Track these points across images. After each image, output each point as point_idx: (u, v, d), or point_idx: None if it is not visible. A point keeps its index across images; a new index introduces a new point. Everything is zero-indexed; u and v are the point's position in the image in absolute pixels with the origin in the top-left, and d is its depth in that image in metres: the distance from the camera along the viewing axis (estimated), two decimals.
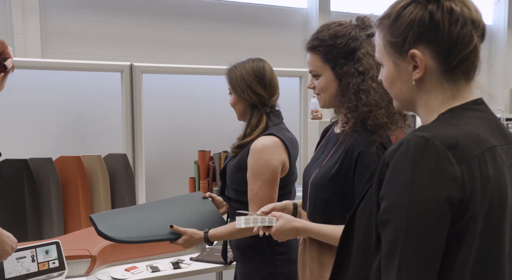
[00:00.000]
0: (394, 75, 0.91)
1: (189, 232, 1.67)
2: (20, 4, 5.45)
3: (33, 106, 2.41)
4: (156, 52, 5.65)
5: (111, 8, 5.57)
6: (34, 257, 1.79)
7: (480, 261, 0.80)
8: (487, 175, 0.80)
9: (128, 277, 1.90)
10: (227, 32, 6.06)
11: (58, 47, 5.56)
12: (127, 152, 2.44)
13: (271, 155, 1.60)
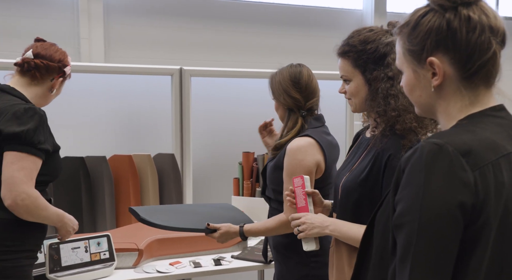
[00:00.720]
0: (413, 82, 0.92)
1: (225, 227, 1.75)
2: (87, 11, 5.79)
3: (91, 108, 2.59)
4: (205, 55, 5.80)
5: (167, 13, 5.78)
6: (87, 248, 1.93)
7: (495, 266, 0.80)
8: (501, 181, 0.80)
9: (172, 271, 2.01)
10: (277, 34, 6.11)
11: (120, 51, 5.86)
12: (176, 152, 2.56)
13: (305, 155, 1.64)
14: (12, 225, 1.51)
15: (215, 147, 2.78)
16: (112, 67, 2.68)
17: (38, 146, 1.52)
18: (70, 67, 1.75)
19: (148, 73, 2.66)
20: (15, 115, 1.51)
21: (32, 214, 1.52)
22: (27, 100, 1.64)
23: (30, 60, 1.66)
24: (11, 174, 1.47)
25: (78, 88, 2.55)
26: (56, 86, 1.72)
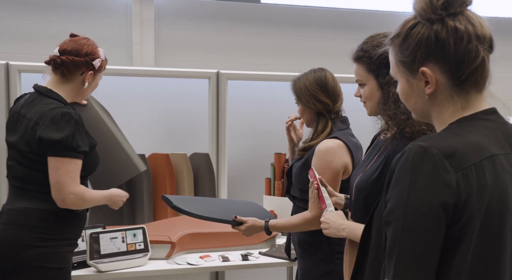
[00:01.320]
0: (408, 91, 0.97)
1: (250, 221, 1.84)
2: (139, 17, 6.06)
3: (133, 109, 2.77)
4: (247, 58, 5.88)
5: (214, 17, 5.95)
6: (124, 239, 2.09)
7: (479, 263, 0.84)
8: (484, 182, 0.83)
9: (201, 264, 2.12)
10: (315, 37, 6.09)
11: (169, 55, 6.09)
12: (211, 153, 2.68)
13: (334, 157, 1.70)
14: (53, 215, 1.65)
15: (249, 147, 2.88)
16: (150, 70, 2.85)
17: (77, 150, 1.64)
18: (100, 59, 1.76)
19: (187, 77, 2.81)
20: (53, 121, 1.60)
21: (82, 207, 1.69)
22: (63, 100, 1.71)
23: (56, 57, 1.71)
24: (57, 179, 1.61)
25: (119, 91, 2.74)
26: (87, 80, 1.75)
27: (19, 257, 1.61)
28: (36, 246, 1.62)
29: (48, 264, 1.64)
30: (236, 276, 2.86)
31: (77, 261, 2.00)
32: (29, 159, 1.65)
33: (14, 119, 1.72)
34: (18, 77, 2.49)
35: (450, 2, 0.90)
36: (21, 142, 1.65)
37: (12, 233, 1.62)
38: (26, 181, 1.66)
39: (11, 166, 1.70)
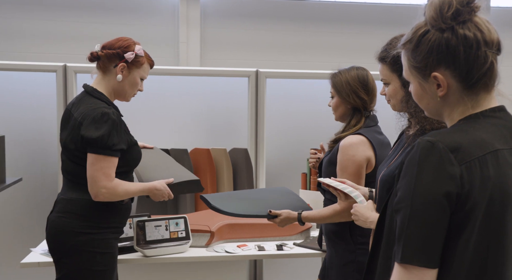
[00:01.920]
0: (420, 92, 1.03)
1: (285, 213, 1.95)
2: (186, 17, 6.26)
3: (177, 106, 2.94)
4: (284, 56, 5.93)
5: (256, 16, 6.06)
6: (167, 227, 2.25)
7: (481, 249, 0.90)
8: (487, 174, 0.90)
9: (238, 252, 2.25)
10: (353, 34, 6.04)
11: (214, 53, 6.26)
12: (250, 148, 2.81)
13: (356, 151, 1.79)
14: (100, 206, 1.81)
15: (286, 143, 2.99)
16: (192, 70, 3.01)
17: (113, 148, 1.74)
18: (133, 53, 1.84)
19: (227, 75, 2.94)
20: (93, 121, 1.73)
21: (115, 200, 1.81)
22: (106, 99, 1.83)
23: (95, 52, 1.85)
24: (92, 174, 1.75)
25: (163, 89, 2.92)
26: (120, 72, 1.84)
27: (71, 242, 1.78)
28: (85, 232, 1.78)
29: (96, 249, 1.79)
30: (272, 265, 2.97)
31: (125, 246, 2.18)
32: (75, 155, 1.80)
33: (66, 116, 1.88)
34: (74, 78, 2.71)
35: (459, 12, 0.95)
36: (68, 139, 1.80)
37: (64, 221, 1.80)
38: (74, 175, 1.82)
39: (63, 160, 1.87)
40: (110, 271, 1.85)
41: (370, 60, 2.30)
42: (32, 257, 2.12)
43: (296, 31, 5.95)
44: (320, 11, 5.96)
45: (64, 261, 1.80)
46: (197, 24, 6.18)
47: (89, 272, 1.79)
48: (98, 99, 1.83)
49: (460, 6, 0.96)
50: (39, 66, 2.73)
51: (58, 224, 1.81)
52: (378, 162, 1.82)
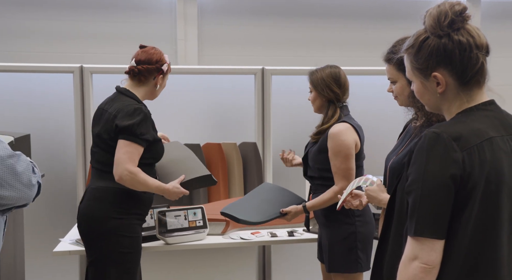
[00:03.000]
0: (422, 90, 1.21)
1: (293, 209, 2.22)
2: (183, 14, 6.34)
3: (188, 103, 3.10)
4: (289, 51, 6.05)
5: (255, 12, 6.18)
6: (186, 217, 2.41)
7: (480, 221, 1.08)
8: (484, 158, 1.07)
9: (252, 239, 2.43)
10: (358, 28, 6.13)
11: (212, 50, 6.37)
12: (258, 142, 2.97)
13: (346, 136, 2.06)
14: (125, 193, 1.99)
15: (292, 137, 3.16)
16: (203, 69, 3.16)
17: (140, 137, 1.95)
18: (167, 64, 2.12)
19: (234, 73, 3.10)
20: (127, 114, 1.95)
21: (134, 186, 1.97)
22: (138, 99, 2.06)
23: (134, 68, 2.08)
24: (118, 156, 1.93)
25: (174, 87, 3.06)
26: (159, 82, 2.11)
27: (101, 227, 1.96)
28: (113, 217, 1.97)
29: (123, 233, 1.98)
30: (280, 250, 3.15)
31: (148, 235, 2.34)
32: (108, 145, 1.99)
33: (98, 114, 2.09)
34: (90, 78, 2.86)
35: (454, 21, 1.13)
36: (102, 131, 2.01)
37: (94, 207, 1.98)
38: (106, 164, 2.00)
39: (95, 152, 2.06)
40: (136, 253, 2.02)
41: (372, 54, 2.47)
42: (63, 246, 2.28)
43: (293, 27, 6.07)
44: (317, 6, 6.09)
45: (95, 245, 1.98)
46: (194, 21, 6.29)
47: (118, 254, 1.96)
48: (130, 98, 2.05)
49: (454, 16, 1.13)
50: (57, 68, 2.87)
51: (88, 211, 1.99)
52: (361, 143, 2.11)
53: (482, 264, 1.10)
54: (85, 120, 2.84)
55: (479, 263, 1.09)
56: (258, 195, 2.43)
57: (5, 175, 1.15)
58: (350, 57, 5.57)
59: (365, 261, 2.09)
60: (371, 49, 4.62)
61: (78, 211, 2.05)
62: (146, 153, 2.01)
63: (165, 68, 2.12)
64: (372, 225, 2.14)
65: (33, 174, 1.21)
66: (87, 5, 5.50)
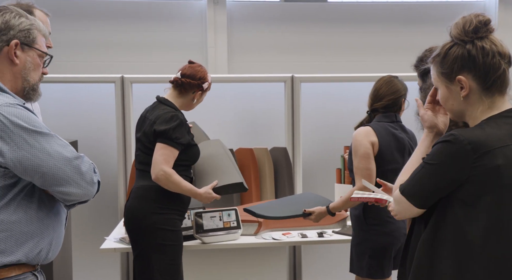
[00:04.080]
0: (447, 95, 1.31)
1: (317, 209, 2.35)
2: (213, 22, 6.49)
3: (221, 110, 3.25)
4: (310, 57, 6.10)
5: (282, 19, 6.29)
6: (221, 218, 2.56)
7: (494, 220, 1.19)
8: (496, 163, 1.17)
9: (284, 239, 2.55)
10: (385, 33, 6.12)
11: (241, 57, 6.51)
12: (288, 147, 3.10)
13: (361, 137, 2.20)
14: (166, 191, 2.16)
15: (321, 141, 3.27)
16: (234, 77, 3.32)
17: (175, 140, 2.14)
18: (208, 83, 2.33)
19: (265, 81, 3.24)
20: (165, 120, 2.16)
21: (168, 186, 2.15)
22: (176, 108, 2.26)
23: (178, 79, 2.28)
24: (155, 158, 2.13)
25: (208, 94, 3.22)
26: (196, 97, 2.32)
27: (144, 222, 2.15)
28: (156, 213, 2.15)
29: (165, 227, 2.16)
30: (310, 251, 3.26)
31: (185, 234, 2.50)
32: (148, 148, 2.20)
33: (141, 121, 2.31)
34: (130, 88, 3.05)
35: (478, 28, 1.24)
36: (143, 135, 2.23)
37: (138, 205, 2.18)
38: (146, 164, 2.20)
39: (138, 155, 2.28)
40: (178, 246, 2.20)
41: (403, 59, 2.54)
42: (108, 244, 2.46)
43: (321, 33, 6.16)
44: (344, 12, 6.16)
45: (140, 239, 2.16)
46: (224, 28, 6.46)
47: (161, 246, 2.14)
48: (169, 107, 2.26)
49: (478, 24, 1.24)
50: (100, 78, 3.09)
51: (134, 208, 2.18)
52: (381, 146, 2.20)
53: (504, 262, 1.19)
54: (126, 127, 3.03)
55: (501, 261, 1.19)
56: (291, 198, 2.57)
57: (72, 174, 1.31)
58: (373, 61, 5.61)
59: (375, 268, 2.19)
60: (401, 54, 4.66)
61: (124, 209, 2.24)
62: (182, 155, 2.19)
63: (205, 86, 2.32)
64: (395, 237, 2.20)
65: (94, 174, 1.38)
66: (118, 15, 5.73)
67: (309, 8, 6.18)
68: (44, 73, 1.42)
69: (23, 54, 1.34)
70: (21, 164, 1.25)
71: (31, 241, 1.31)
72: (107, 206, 3.07)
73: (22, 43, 1.33)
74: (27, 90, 1.37)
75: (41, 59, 1.39)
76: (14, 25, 1.32)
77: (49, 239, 1.36)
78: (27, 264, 1.31)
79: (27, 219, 1.30)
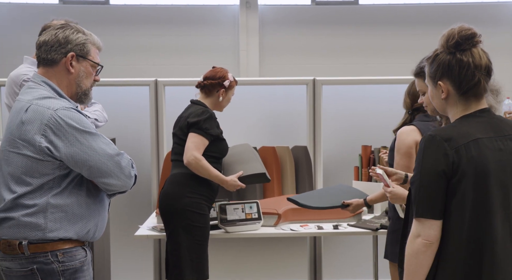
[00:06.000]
0: (433, 94, 1.49)
1: (354, 202, 2.50)
2: (245, 26, 6.68)
3: (246, 110, 3.47)
4: (342, 59, 6.20)
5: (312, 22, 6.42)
6: (243, 209, 2.78)
7: (474, 208, 1.34)
8: (470, 155, 1.34)
9: (301, 230, 2.75)
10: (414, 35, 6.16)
11: (272, 60, 6.67)
12: (309, 146, 3.29)
13: (407, 136, 2.28)
14: (196, 177, 2.44)
15: (340, 141, 3.45)
16: (257, 80, 3.54)
17: (205, 131, 2.42)
18: (229, 80, 2.57)
19: (287, 84, 3.45)
20: (196, 114, 2.47)
21: (198, 170, 2.43)
22: (206, 106, 2.55)
23: (201, 82, 2.58)
24: (187, 145, 2.41)
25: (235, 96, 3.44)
26: (222, 95, 2.57)
27: (176, 204, 2.43)
28: (185, 196, 2.43)
29: (194, 210, 2.43)
30: (329, 243, 3.43)
31: (211, 224, 2.73)
32: (182, 139, 2.48)
33: (178, 119, 2.62)
34: (163, 90, 3.32)
35: (459, 43, 1.41)
36: (178, 129, 2.53)
37: (172, 190, 2.47)
38: (180, 154, 2.48)
39: (173, 147, 2.58)
40: (205, 228, 2.46)
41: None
42: (142, 231, 2.73)
43: (352, 35, 6.25)
44: (374, 14, 6.24)
45: (171, 220, 2.45)
46: (255, 32, 6.64)
47: (190, 227, 2.42)
48: (201, 106, 2.56)
49: (460, 39, 1.41)
50: (135, 82, 3.38)
51: (167, 193, 2.48)
52: None
53: (480, 244, 1.35)
54: (159, 126, 3.31)
55: (477, 242, 1.35)
56: (328, 189, 2.77)
57: (113, 168, 1.56)
58: (400, 63, 5.70)
59: None
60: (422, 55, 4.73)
61: (158, 196, 2.54)
62: (211, 147, 2.48)
63: (227, 84, 2.57)
64: None
65: (132, 168, 1.62)
66: (152, 20, 6.01)
67: (340, 10, 6.29)
68: (96, 80, 1.68)
69: (77, 65, 1.60)
70: (72, 158, 1.51)
71: (80, 222, 1.57)
72: (141, 197, 3.35)
73: (77, 55, 1.59)
74: (80, 95, 1.64)
75: (93, 69, 1.65)
76: (72, 40, 1.58)
77: (95, 221, 1.62)
78: (78, 240, 1.58)
79: (78, 203, 1.56)
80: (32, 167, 1.51)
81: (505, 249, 1.37)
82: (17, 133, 1.53)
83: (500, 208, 1.36)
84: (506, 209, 1.37)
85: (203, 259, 2.45)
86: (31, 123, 1.51)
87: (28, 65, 2.45)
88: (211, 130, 2.45)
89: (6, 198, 1.53)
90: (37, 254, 1.51)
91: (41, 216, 1.51)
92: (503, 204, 1.37)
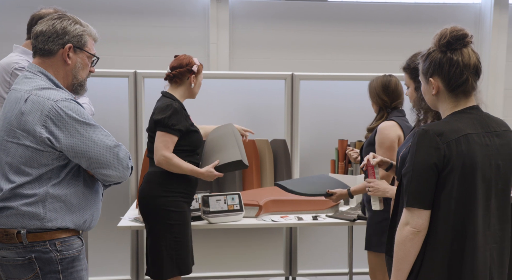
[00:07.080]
0: (425, 90, 1.59)
1: (338, 191, 2.58)
2: (216, 19, 6.68)
3: (224, 104, 3.51)
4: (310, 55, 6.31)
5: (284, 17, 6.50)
6: (225, 201, 2.83)
7: (460, 199, 1.45)
8: (460, 149, 1.44)
9: (282, 221, 2.83)
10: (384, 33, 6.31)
11: (242, 53, 6.72)
12: (287, 139, 3.37)
13: (389, 130, 2.38)
14: (170, 175, 2.40)
15: (317, 134, 3.55)
16: (236, 74, 3.58)
17: (172, 127, 2.36)
18: (196, 65, 2.50)
19: (265, 78, 3.50)
20: (161, 110, 2.39)
21: (170, 168, 2.38)
22: (175, 98, 2.45)
23: (169, 73, 2.51)
24: (156, 145, 2.38)
25: (210, 89, 3.47)
26: (193, 81, 2.49)
27: (153, 203, 2.41)
28: (162, 196, 2.41)
29: (170, 208, 2.40)
30: (305, 232, 3.54)
31: (194, 215, 2.77)
32: (152, 137, 2.45)
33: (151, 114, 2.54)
34: (142, 82, 3.31)
35: (450, 42, 1.51)
36: (148, 127, 2.49)
37: (147, 188, 2.44)
38: (153, 152, 2.44)
39: (148, 144, 2.53)
40: (182, 225, 2.44)
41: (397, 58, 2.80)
42: (124, 222, 2.73)
43: (321, 31, 6.37)
44: (343, 11, 6.38)
45: (150, 218, 2.44)
46: (226, 25, 6.66)
47: (169, 225, 2.41)
48: (168, 98, 2.49)
49: (451, 39, 1.51)
50: (114, 73, 3.34)
51: (144, 192, 2.46)
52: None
53: (464, 232, 1.46)
54: (138, 119, 3.29)
55: (462, 231, 1.46)
56: (312, 178, 2.85)
57: (112, 159, 1.58)
58: (371, 60, 5.87)
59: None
60: (399, 53, 4.90)
61: (138, 193, 2.50)
62: (182, 141, 2.43)
63: (195, 68, 2.52)
64: None
65: (129, 160, 1.64)
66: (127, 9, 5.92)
67: (311, 6, 6.39)
68: (91, 72, 1.68)
69: (74, 56, 1.60)
70: (73, 149, 1.52)
71: (78, 211, 1.58)
72: (119, 191, 3.34)
73: (74, 47, 1.60)
74: (76, 86, 1.64)
75: (89, 60, 1.65)
76: (70, 31, 1.58)
77: (91, 212, 1.64)
78: (74, 230, 1.59)
79: (76, 193, 1.57)
80: (31, 157, 1.51)
81: (484, 235, 1.49)
82: (16, 123, 1.52)
83: (482, 199, 1.48)
84: (488, 200, 1.49)
85: (184, 255, 2.42)
86: (31, 114, 1.50)
87: (18, 54, 2.40)
88: (178, 125, 2.39)
89: (4, 188, 1.52)
90: (36, 243, 1.52)
91: (40, 205, 1.51)
92: (485, 195, 1.48)
